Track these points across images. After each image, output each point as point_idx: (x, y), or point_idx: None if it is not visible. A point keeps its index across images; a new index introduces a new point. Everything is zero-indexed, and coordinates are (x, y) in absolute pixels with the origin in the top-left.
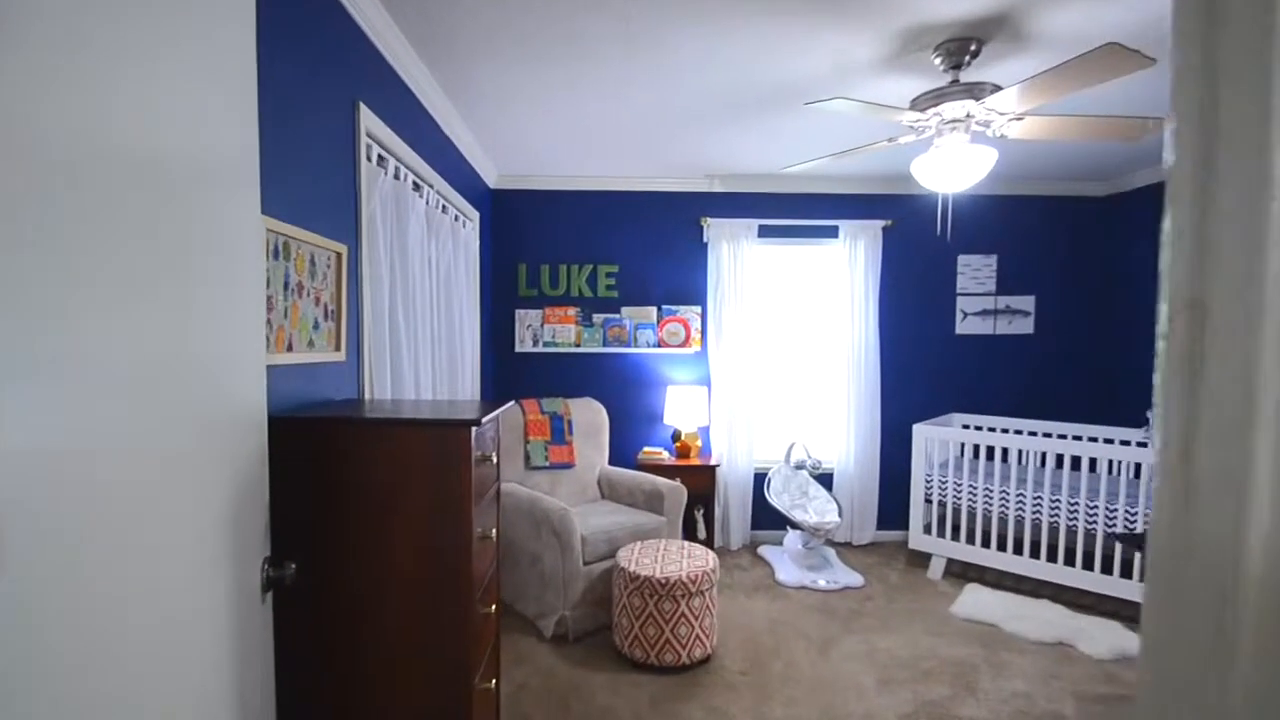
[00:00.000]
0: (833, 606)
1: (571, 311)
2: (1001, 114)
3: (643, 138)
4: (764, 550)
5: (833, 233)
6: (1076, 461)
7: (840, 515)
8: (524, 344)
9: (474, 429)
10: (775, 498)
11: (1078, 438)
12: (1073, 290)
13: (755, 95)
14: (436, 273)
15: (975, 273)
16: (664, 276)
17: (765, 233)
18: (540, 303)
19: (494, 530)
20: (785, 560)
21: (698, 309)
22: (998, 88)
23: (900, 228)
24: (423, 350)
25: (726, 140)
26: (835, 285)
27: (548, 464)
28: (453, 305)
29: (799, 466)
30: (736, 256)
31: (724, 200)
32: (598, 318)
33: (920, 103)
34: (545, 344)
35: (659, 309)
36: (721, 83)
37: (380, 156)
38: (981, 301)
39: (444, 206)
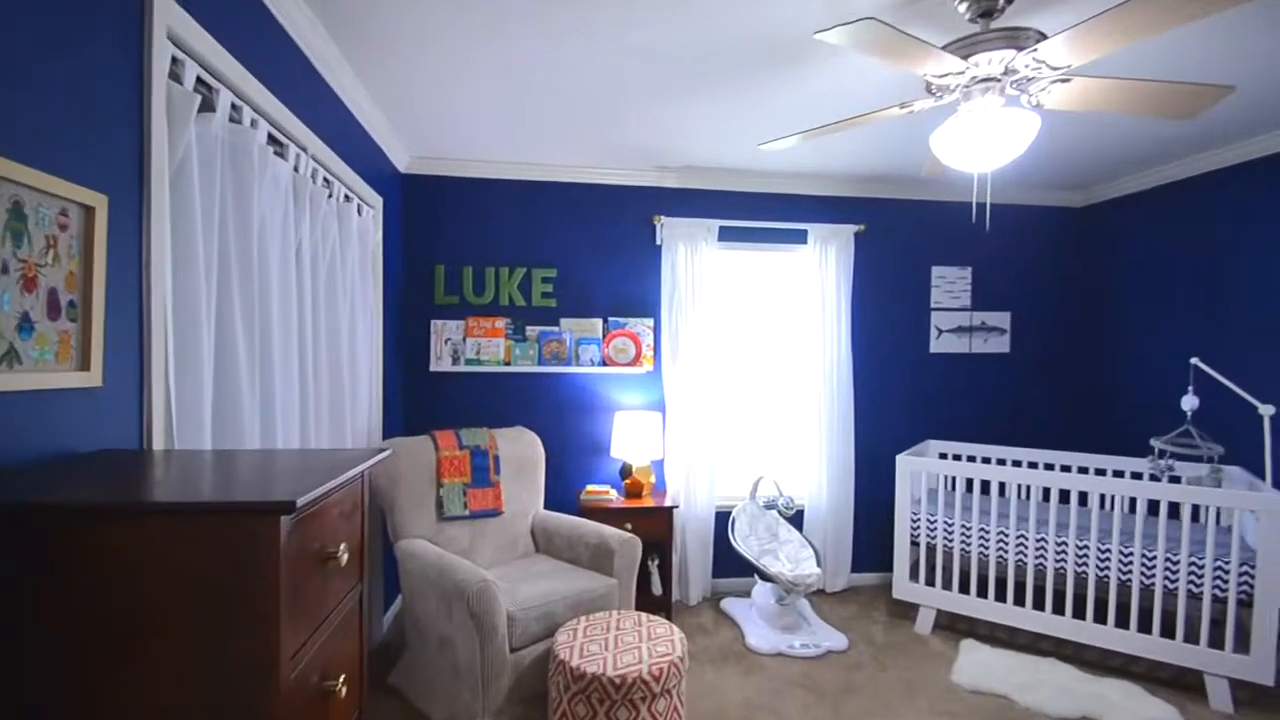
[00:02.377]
0: (817, 679)
1: (500, 323)
2: (1053, 68)
3: (585, 113)
4: (729, 605)
5: (801, 237)
6: (1065, 495)
7: (819, 564)
8: (441, 361)
9: (287, 518)
10: (741, 542)
11: (1066, 468)
12: (1050, 306)
13: (721, 56)
14: (312, 266)
15: (950, 285)
16: (611, 283)
17: (727, 235)
18: (462, 312)
19: (342, 679)
20: (755, 618)
21: (650, 322)
22: (1043, 35)
23: (873, 233)
24: (285, 371)
25: (684, 120)
26: (804, 296)
27: (467, 513)
28: (339, 311)
29: (769, 505)
30: (694, 261)
31: (679, 197)
32: (532, 331)
33: (952, 50)
34: (468, 362)
35: (605, 321)
36: (679, 40)
37: (205, 84)
38: (956, 317)
39: (327, 181)
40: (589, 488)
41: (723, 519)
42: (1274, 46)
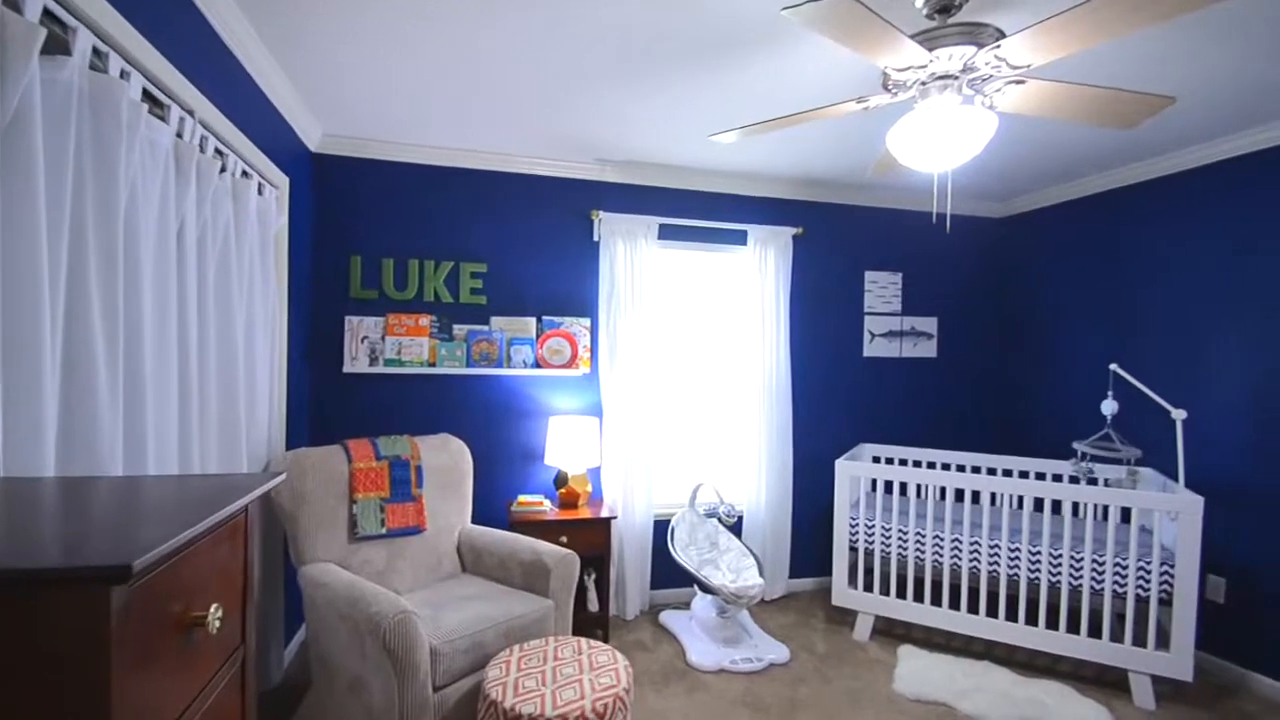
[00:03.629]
0: (762, 696)
1: (425, 321)
2: (1012, 67)
3: (522, 98)
4: (668, 619)
5: (741, 238)
6: (995, 498)
7: (761, 574)
8: (356, 362)
9: (121, 588)
10: (681, 552)
11: (993, 470)
12: (976, 312)
13: (670, 41)
14: (199, 250)
15: (882, 290)
16: (546, 280)
17: (667, 234)
18: (382, 308)
19: None
20: (695, 631)
21: (587, 322)
22: (1001, 33)
23: (810, 237)
24: (160, 376)
25: (626, 109)
26: (744, 298)
27: (385, 531)
28: (233, 304)
29: (709, 513)
30: (634, 260)
31: (619, 192)
32: (460, 330)
33: (918, 40)
34: (388, 362)
35: (539, 320)
36: (627, 21)
37: (60, 22)
38: (888, 322)
39: (220, 152)
40: (521, 498)
41: (662, 528)
42: (1211, 61)
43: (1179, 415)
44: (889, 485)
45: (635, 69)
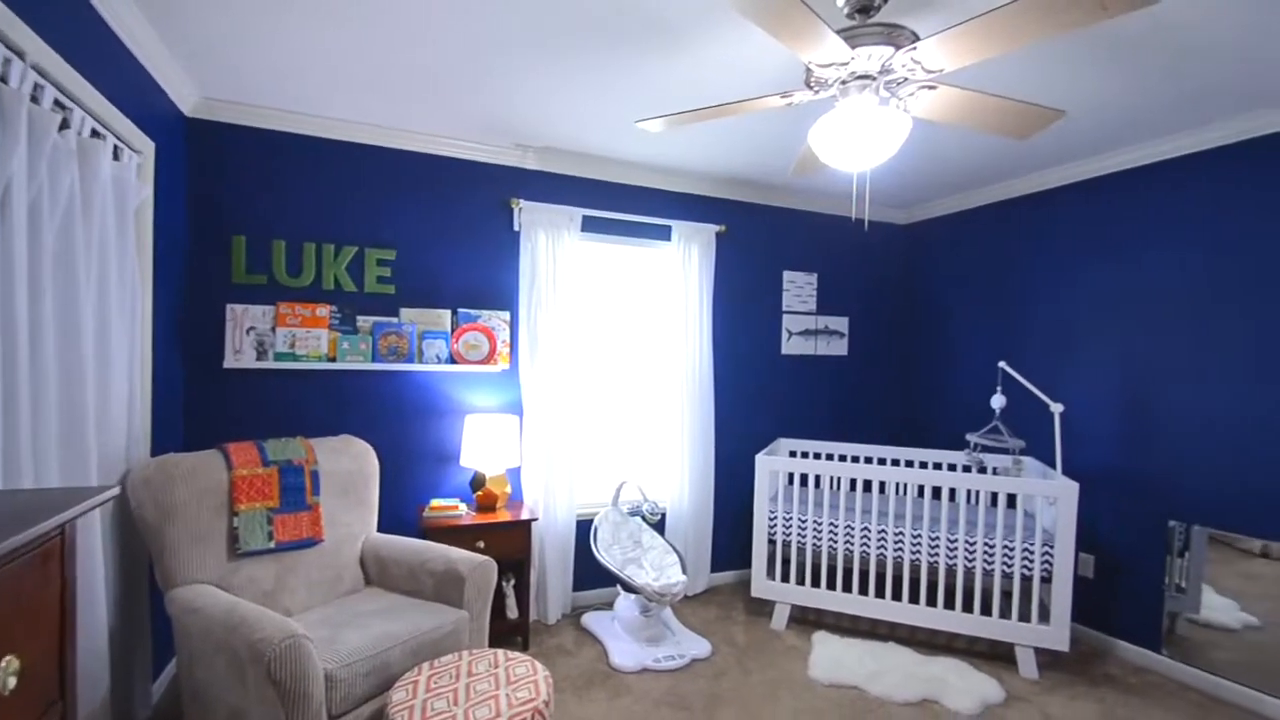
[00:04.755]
0: (684, 694)
1: (324, 311)
2: (927, 70)
3: (437, 70)
4: (591, 621)
5: (665, 234)
6: (900, 488)
7: (685, 570)
8: (241, 356)
9: None
10: (604, 553)
11: (896, 462)
12: (882, 313)
13: (591, 22)
14: (31, 220)
15: (799, 290)
16: (462, 270)
17: (591, 226)
18: (271, 296)
19: None
20: (618, 632)
21: (506, 315)
22: (917, 36)
23: (733, 235)
24: None
25: (547, 92)
26: (668, 295)
27: (273, 545)
28: (80, 286)
29: (633, 512)
30: (556, 252)
31: (541, 180)
32: (365, 322)
33: (842, 36)
34: (279, 356)
35: (454, 313)
36: None
37: None
38: (804, 320)
39: (61, 105)
40: (434, 503)
41: (585, 529)
42: (1100, 79)
43: (1057, 409)
44: (804, 478)
45: (559, 47)
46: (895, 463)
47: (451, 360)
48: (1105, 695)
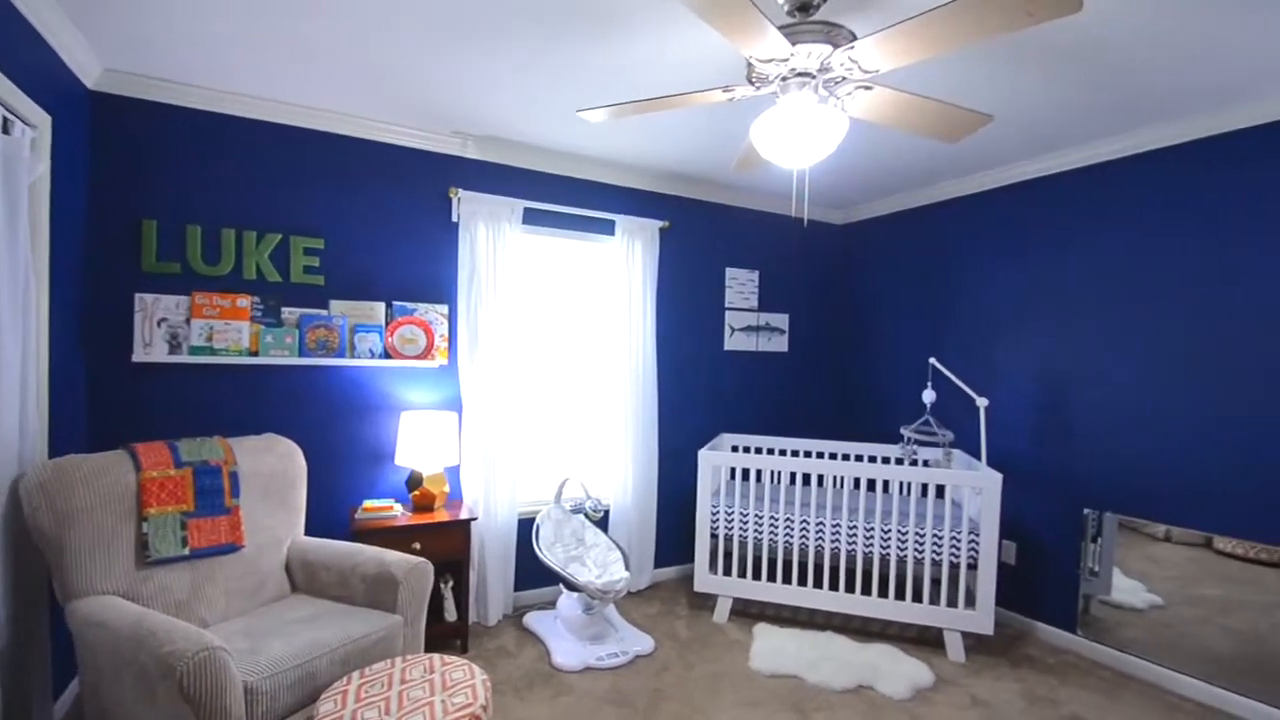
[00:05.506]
0: (628, 691)
1: (244, 302)
2: (864, 70)
3: (370, 48)
4: (532, 621)
5: (609, 228)
6: (838, 480)
7: (628, 567)
8: (151, 350)
9: None
10: (547, 551)
11: (834, 455)
12: (820, 311)
13: (534, 5)
14: None
15: (741, 287)
16: (398, 262)
17: (533, 219)
18: (186, 285)
19: None
20: (560, 631)
21: (444, 309)
22: (854, 35)
23: (676, 230)
24: None
25: (484, 76)
26: (611, 290)
27: (187, 551)
28: None
29: (576, 509)
30: (496, 244)
31: (480, 170)
32: (290, 314)
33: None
34: (194, 350)
35: (389, 306)
36: None
37: None
38: (746, 317)
39: None
40: (367, 504)
41: (526, 527)
42: (1028, 86)
43: (982, 403)
44: (746, 473)
45: (498, 27)
46: (833, 456)
47: (386, 355)
48: (1026, 675)
